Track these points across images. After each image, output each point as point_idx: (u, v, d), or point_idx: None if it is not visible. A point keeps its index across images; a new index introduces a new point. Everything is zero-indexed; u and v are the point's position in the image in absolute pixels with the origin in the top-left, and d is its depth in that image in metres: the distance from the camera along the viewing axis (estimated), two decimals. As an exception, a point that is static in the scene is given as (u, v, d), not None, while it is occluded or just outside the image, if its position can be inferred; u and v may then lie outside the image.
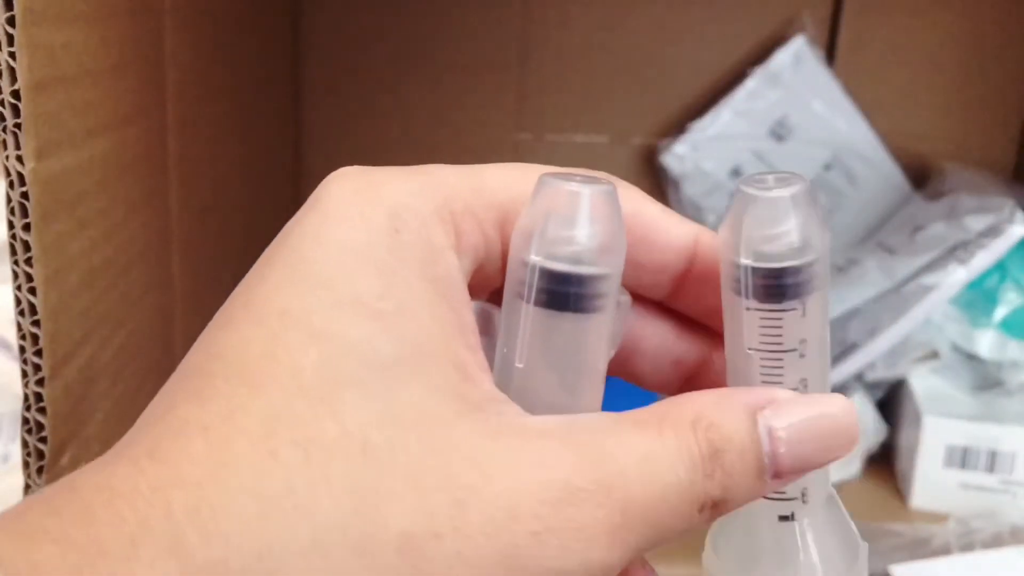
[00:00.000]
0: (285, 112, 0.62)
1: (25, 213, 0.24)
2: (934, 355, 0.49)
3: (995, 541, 0.42)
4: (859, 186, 0.63)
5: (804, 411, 0.16)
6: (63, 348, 0.26)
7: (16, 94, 0.24)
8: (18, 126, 0.24)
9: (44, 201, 0.25)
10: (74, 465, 0.28)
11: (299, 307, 0.15)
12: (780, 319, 0.17)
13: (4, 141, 0.24)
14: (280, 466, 0.13)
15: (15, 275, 0.25)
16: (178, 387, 0.15)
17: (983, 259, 0.47)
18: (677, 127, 0.63)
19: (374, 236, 0.16)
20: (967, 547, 0.42)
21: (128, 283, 0.32)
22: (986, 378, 0.50)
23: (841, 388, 0.50)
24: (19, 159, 0.24)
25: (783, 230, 0.17)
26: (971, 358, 0.51)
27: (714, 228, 0.64)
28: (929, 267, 0.49)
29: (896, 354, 0.49)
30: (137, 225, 0.32)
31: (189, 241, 0.38)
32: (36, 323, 0.25)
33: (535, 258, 0.16)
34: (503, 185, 0.18)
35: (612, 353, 0.18)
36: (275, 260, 0.16)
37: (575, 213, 0.16)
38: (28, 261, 0.25)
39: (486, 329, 0.18)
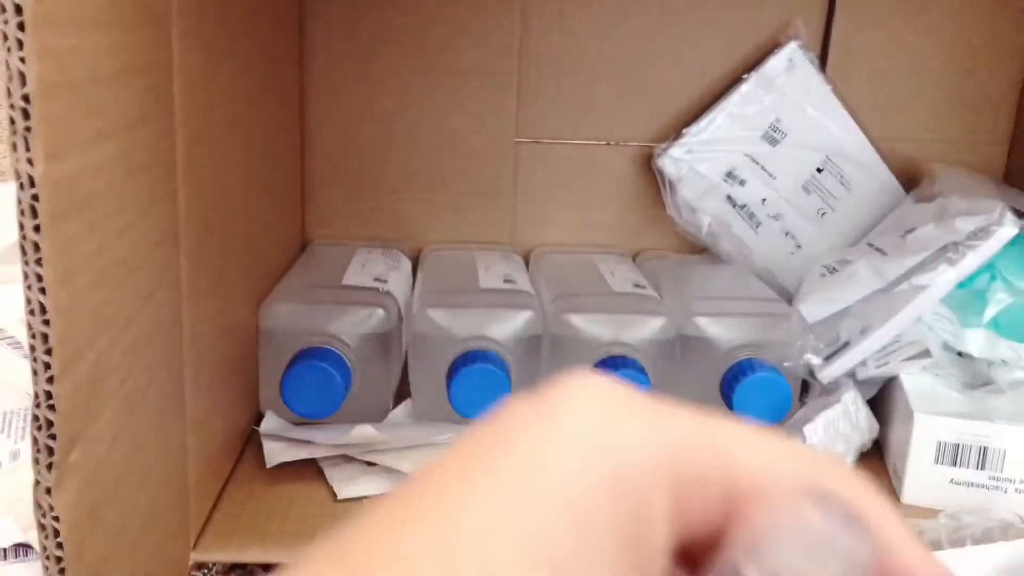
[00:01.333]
0: (290, 116, 0.62)
1: (35, 215, 0.25)
2: (925, 354, 0.49)
3: (985, 536, 0.43)
4: (851, 189, 0.63)
5: None
6: (72, 347, 0.27)
7: (27, 98, 0.24)
8: (28, 129, 0.24)
9: (54, 203, 0.25)
10: (83, 462, 0.28)
11: (488, 549, 0.13)
12: None
13: (15, 144, 0.24)
14: None
15: (25, 275, 0.25)
16: None
17: (973, 260, 0.48)
18: (673, 131, 0.64)
19: (593, 491, 0.14)
20: (958, 542, 0.42)
21: (136, 283, 0.32)
22: (976, 376, 0.51)
23: (834, 386, 0.51)
24: (29, 162, 0.24)
25: None
26: (961, 357, 0.52)
27: (710, 230, 0.63)
28: (920, 268, 0.50)
29: (888, 353, 0.50)
30: (145, 227, 0.33)
31: (196, 242, 0.38)
32: (46, 322, 0.25)
33: None
34: (746, 458, 0.16)
35: None
36: (481, 472, 0.14)
37: (818, 558, 0.14)
38: (38, 262, 0.25)
39: None
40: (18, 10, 0.23)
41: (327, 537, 0.14)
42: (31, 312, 0.25)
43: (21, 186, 0.25)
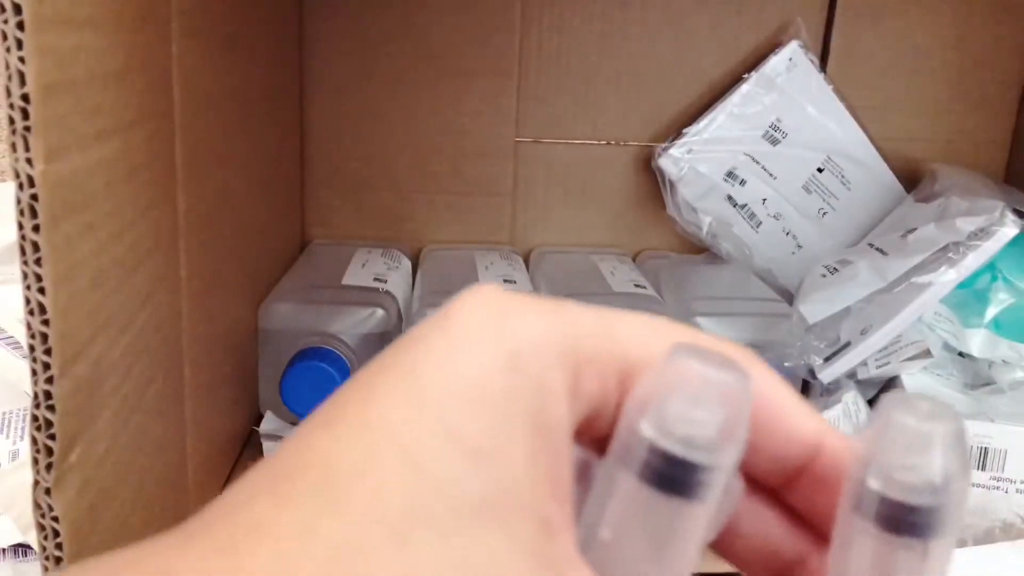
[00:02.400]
0: (290, 116, 0.62)
1: (35, 214, 0.25)
2: (926, 354, 0.49)
3: (987, 537, 0.43)
4: (852, 188, 0.63)
5: None
6: (72, 347, 0.27)
7: (26, 97, 0.24)
8: (28, 129, 0.24)
9: (53, 203, 0.25)
10: (82, 462, 0.28)
11: (401, 427, 0.15)
12: (896, 554, 0.16)
13: (14, 144, 0.24)
14: None
15: (25, 275, 0.25)
16: (266, 479, 0.15)
17: (974, 260, 0.48)
18: (673, 131, 0.64)
19: (492, 372, 0.15)
20: (959, 543, 0.42)
21: (136, 283, 0.32)
22: (977, 377, 0.51)
23: (834, 386, 0.51)
24: (28, 161, 0.24)
25: (924, 465, 0.16)
26: (962, 357, 0.52)
27: (710, 230, 0.63)
28: (921, 268, 0.50)
29: (888, 353, 0.50)
30: (145, 226, 0.33)
31: (196, 242, 0.38)
32: (45, 322, 0.25)
33: (648, 432, 0.15)
34: (633, 339, 0.17)
35: (712, 537, 0.17)
36: (392, 373, 0.16)
37: (702, 398, 0.15)
38: (38, 261, 0.25)
39: (583, 477, 0.17)
40: (17, 9, 0.23)
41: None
42: (30, 312, 0.25)
43: (20, 186, 0.25)
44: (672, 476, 0.15)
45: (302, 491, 0.14)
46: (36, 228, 0.25)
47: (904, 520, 0.16)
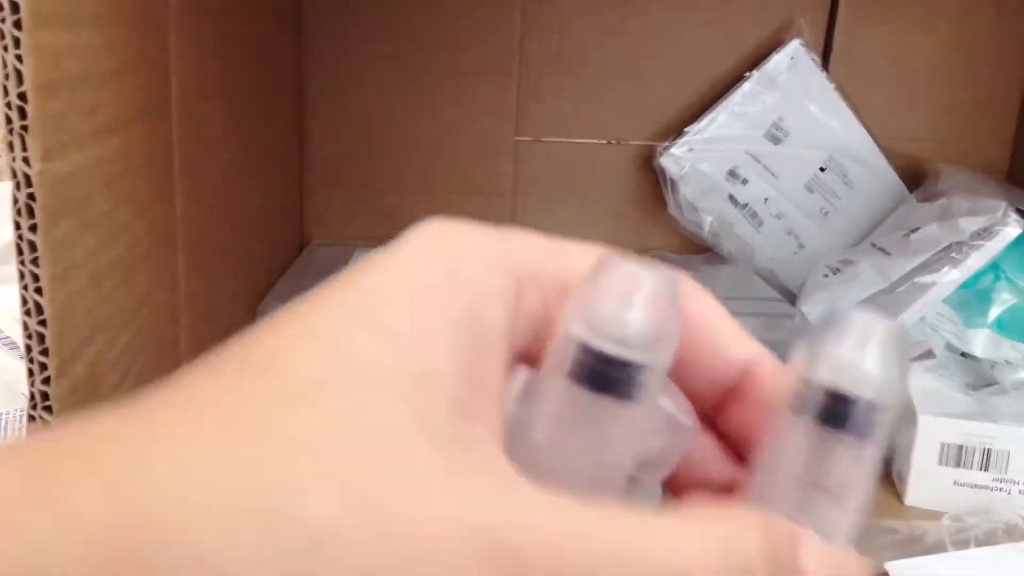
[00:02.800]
0: (289, 115, 0.62)
1: (32, 214, 0.25)
2: (929, 354, 0.49)
3: (989, 538, 0.43)
4: (854, 188, 0.63)
5: (827, 563, 0.15)
6: (69, 347, 0.27)
7: (23, 96, 0.24)
8: (25, 128, 0.24)
9: (50, 202, 0.25)
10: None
11: (330, 319, 0.16)
12: (833, 452, 0.16)
13: (11, 143, 0.24)
14: (240, 440, 0.14)
15: (21, 275, 0.25)
16: (197, 365, 0.16)
17: (977, 260, 0.48)
18: (674, 130, 0.64)
19: (429, 275, 0.16)
20: (962, 544, 0.42)
21: (133, 283, 0.32)
22: (980, 377, 0.51)
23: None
24: (26, 161, 0.24)
25: (872, 360, 0.16)
26: (965, 357, 0.51)
27: (712, 230, 0.63)
28: (923, 268, 0.49)
29: (891, 353, 0.49)
30: (142, 226, 0.32)
31: (194, 242, 0.38)
32: (42, 323, 0.25)
33: (579, 331, 0.16)
34: (578, 261, 0.17)
35: (666, 474, 0.18)
36: (335, 287, 0.17)
37: (631, 295, 0.16)
38: (35, 261, 0.25)
39: (529, 398, 0.17)
40: (15, 8, 0.23)
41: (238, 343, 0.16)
42: (27, 312, 0.25)
43: (17, 185, 0.25)
44: (603, 375, 0.15)
45: (228, 366, 0.15)
46: (33, 228, 0.25)
47: (846, 414, 0.16)
